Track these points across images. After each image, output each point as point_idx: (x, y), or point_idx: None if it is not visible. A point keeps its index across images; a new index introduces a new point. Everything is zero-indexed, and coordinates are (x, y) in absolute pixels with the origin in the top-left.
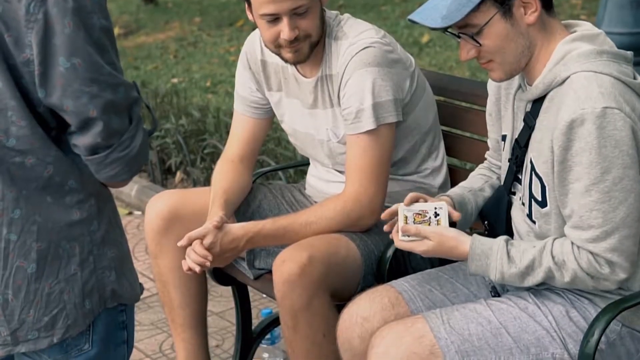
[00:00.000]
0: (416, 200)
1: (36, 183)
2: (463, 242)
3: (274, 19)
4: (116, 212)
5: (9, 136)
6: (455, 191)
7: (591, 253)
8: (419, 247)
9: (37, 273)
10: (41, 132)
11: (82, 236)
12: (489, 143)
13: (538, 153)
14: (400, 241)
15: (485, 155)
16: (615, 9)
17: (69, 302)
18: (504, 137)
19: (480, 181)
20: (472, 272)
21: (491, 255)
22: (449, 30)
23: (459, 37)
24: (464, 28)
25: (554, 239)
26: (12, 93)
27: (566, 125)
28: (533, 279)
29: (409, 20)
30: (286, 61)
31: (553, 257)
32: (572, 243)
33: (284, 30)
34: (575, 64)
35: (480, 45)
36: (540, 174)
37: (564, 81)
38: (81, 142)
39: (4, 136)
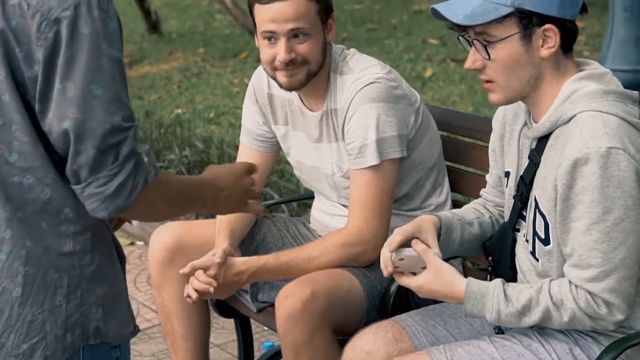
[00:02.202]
0: (408, 239)
1: (33, 206)
2: (459, 279)
3: (273, 38)
4: (111, 249)
5: (11, 151)
6: (446, 215)
7: (589, 293)
8: (415, 281)
9: (21, 298)
10: (42, 151)
11: (72, 268)
12: (489, 179)
13: (542, 191)
14: (400, 276)
15: (481, 193)
16: (619, 46)
17: (50, 333)
18: (507, 174)
19: (472, 215)
20: (467, 312)
21: (488, 294)
22: (464, 35)
23: (471, 44)
24: (481, 35)
25: (551, 280)
26: (17, 108)
27: (570, 163)
28: (530, 320)
29: (432, 9)
30: (281, 86)
31: (551, 297)
32: (570, 283)
33: (280, 51)
34: (582, 102)
35: (490, 58)
36: (544, 212)
37: (570, 119)
38: (67, 167)
39: (6, 150)
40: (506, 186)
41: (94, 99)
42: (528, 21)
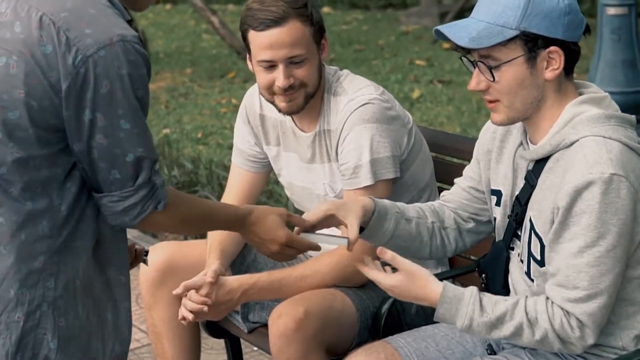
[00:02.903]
0: (321, 219)
1: (16, 217)
2: (433, 282)
3: (271, 66)
4: (76, 291)
5: (1, 164)
6: (383, 202)
7: (567, 314)
8: (386, 280)
9: None
10: (32, 166)
11: (35, 287)
12: (462, 181)
13: (539, 213)
14: (372, 270)
15: (442, 194)
16: (607, 68)
17: (2, 348)
18: (496, 192)
19: (413, 212)
20: (438, 316)
21: (463, 300)
22: (467, 56)
23: (475, 65)
24: (486, 58)
25: (527, 297)
26: (25, 126)
27: (573, 188)
28: (500, 333)
29: (435, 31)
30: (279, 110)
31: (527, 314)
32: (547, 301)
33: (279, 77)
34: (585, 127)
35: (494, 80)
36: (540, 234)
37: (572, 144)
38: (87, 178)
39: None
40: (497, 204)
41: (121, 132)
42: (533, 44)
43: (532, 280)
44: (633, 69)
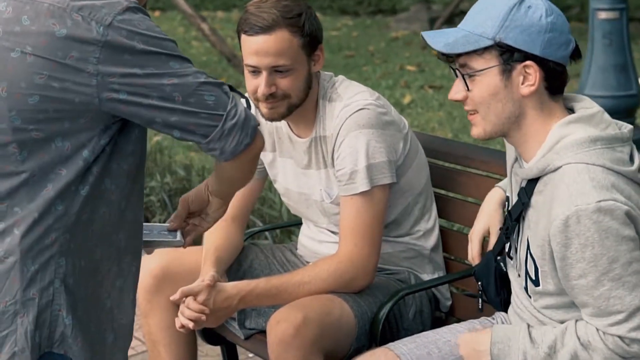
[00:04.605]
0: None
1: (36, 203)
2: (480, 329)
3: (256, 71)
4: (86, 273)
5: (22, 149)
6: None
7: (616, 335)
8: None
9: None
10: (52, 148)
11: (48, 263)
12: None
13: (534, 234)
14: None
15: None
16: (599, 72)
17: (21, 326)
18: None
19: None
20: (493, 356)
21: (513, 337)
22: (452, 66)
23: (456, 75)
24: (463, 67)
25: (576, 321)
26: (45, 108)
27: (562, 222)
28: None
29: (422, 35)
30: (263, 116)
31: (579, 338)
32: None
33: (261, 85)
34: (568, 153)
35: (469, 89)
36: (534, 256)
37: (557, 169)
38: (194, 125)
39: (17, 149)
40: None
41: (171, 73)
42: (509, 56)
43: (530, 297)
44: (625, 73)
